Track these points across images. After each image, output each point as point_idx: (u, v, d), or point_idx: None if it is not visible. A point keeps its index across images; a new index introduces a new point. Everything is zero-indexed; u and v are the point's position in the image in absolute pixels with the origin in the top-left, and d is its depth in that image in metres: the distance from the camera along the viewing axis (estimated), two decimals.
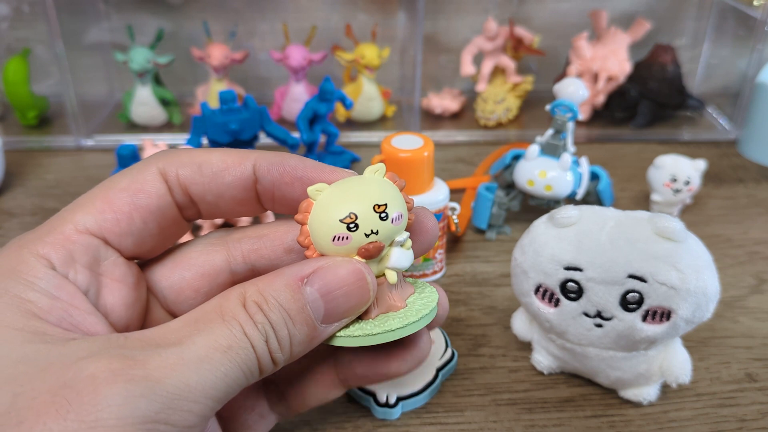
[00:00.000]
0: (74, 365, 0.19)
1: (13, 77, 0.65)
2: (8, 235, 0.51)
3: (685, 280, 0.31)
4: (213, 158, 0.25)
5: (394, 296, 0.25)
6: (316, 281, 0.23)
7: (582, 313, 0.33)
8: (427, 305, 0.25)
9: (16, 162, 0.62)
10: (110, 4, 0.71)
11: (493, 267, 0.48)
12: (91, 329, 0.22)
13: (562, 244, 0.33)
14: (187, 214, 0.26)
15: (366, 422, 0.35)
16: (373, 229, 0.23)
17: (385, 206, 0.23)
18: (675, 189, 0.51)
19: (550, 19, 0.75)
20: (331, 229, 0.23)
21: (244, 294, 0.22)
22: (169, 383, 0.19)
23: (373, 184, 0.24)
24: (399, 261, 0.24)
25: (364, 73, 0.68)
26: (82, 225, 0.23)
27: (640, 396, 0.35)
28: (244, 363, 0.21)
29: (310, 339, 0.23)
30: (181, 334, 0.21)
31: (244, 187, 0.26)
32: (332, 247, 0.23)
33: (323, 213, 0.23)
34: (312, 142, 0.57)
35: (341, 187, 0.24)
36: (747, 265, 0.48)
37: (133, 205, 0.24)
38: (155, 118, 0.69)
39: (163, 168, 0.25)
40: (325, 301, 0.23)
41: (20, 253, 0.22)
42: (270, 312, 0.22)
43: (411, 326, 0.24)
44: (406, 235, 0.25)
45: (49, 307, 0.21)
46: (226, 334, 0.21)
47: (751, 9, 0.67)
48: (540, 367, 0.37)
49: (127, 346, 0.20)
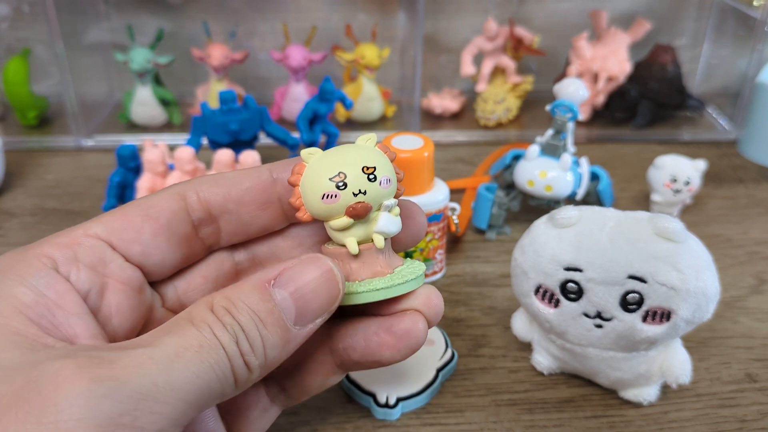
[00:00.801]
0: (40, 365, 0.18)
1: (13, 77, 0.65)
2: (8, 235, 0.51)
3: (685, 281, 0.31)
4: (228, 174, 0.27)
5: (381, 262, 0.26)
6: (283, 282, 0.23)
7: (582, 313, 0.33)
8: (414, 272, 0.26)
9: (16, 162, 0.62)
10: (110, 4, 0.71)
11: (493, 267, 0.48)
12: (70, 332, 0.22)
13: (562, 244, 0.33)
14: (204, 232, 0.27)
15: (366, 423, 0.35)
16: (361, 189, 0.24)
17: (374, 169, 0.24)
18: (675, 189, 0.51)
19: (550, 19, 0.75)
20: (320, 188, 0.24)
21: (211, 301, 0.22)
22: (135, 382, 0.18)
23: (363, 149, 0.25)
24: (387, 226, 0.25)
25: (364, 73, 0.68)
26: (92, 230, 0.24)
27: (640, 396, 0.35)
28: (216, 364, 0.20)
29: (284, 342, 0.23)
30: (152, 338, 0.20)
31: (263, 189, 0.26)
32: (321, 206, 0.24)
33: (314, 173, 0.24)
34: (312, 143, 0.57)
35: (333, 151, 0.25)
36: (747, 265, 0.48)
37: (145, 216, 0.25)
38: (155, 118, 0.69)
39: (182, 190, 0.26)
40: (294, 299, 0.23)
41: (24, 253, 0.22)
42: (239, 315, 0.22)
43: (396, 288, 0.25)
44: (394, 202, 0.25)
45: (32, 302, 0.21)
46: (196, 335, 0.21)
47: (751, 9, 0.67)
48: (540, 367, 0.37)
49: (98, 348, 0.20)
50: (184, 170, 0.50)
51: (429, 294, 0.27)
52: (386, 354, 0.26)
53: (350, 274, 0.25)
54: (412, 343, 0.26)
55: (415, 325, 0.26)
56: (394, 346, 0.26)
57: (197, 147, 0.56)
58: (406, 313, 0.26)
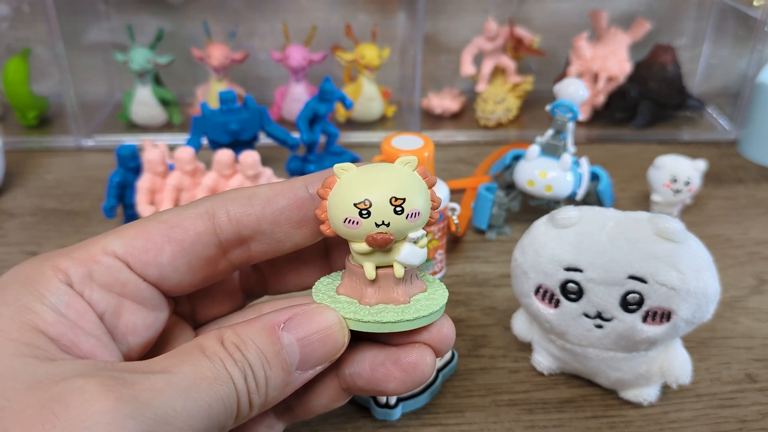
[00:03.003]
0: (63, 381, 0.19)
1: (13, 77, 0.65)
2: (8, 236, 0.51)
3: (686, 281, 0.31)
4: (262, 189, 0.25)
5: (398, 290, 0.25)
6: (292, 327, 0.23)
7: (582, 313, 0.33)
8: (429, 307, 0.25)
9: (16, 162, 0.62)
10: (110, 4, 0.71)
11: (493, 267, 0.48)
12: (87, 351, 0.22)
13: (563, 244, 0.33)
14: (233, 254, 0.26)
15: (366, 423, 0.34)
16: (384, 221, 0.23)
17: (402, 200, 0.23)
18: (675, 189, 0.51)
19: (550, 19, 0.75)
20: (343, 211, 0.23)
21: (221, 335, 0.22)
22: (156, 406, 0.19)
23: (399, 174, 0.24)
24: (407, 257, 0.24)
25: (364, 73, 0.68)
26: (110, 247, 0.23)
27: (640, 397, 0.35)
28: (226, 397, 0.21)
29: (284, 385, 0.23)
30: (167, 363, 0.21)
31: (300, 207, 0.25)
32: (343, 228, 0.23)
33: (341, 193, 0.23)
34: (312, 143, 0.57)
35: (366, 171, 0.24)
36: (747, 265, 0.48)
37: (167, 237, 0.24)
38: (155, 119, 0.69)
39: (211, 207, 0.25)
40: (300, 346, 0.23)
41: (42, 265, 0.22)
42: (248, 352, 0.22)
43: (403, 323, 0.24)
44: (421, 233, 0.24)
45: (53, 321, 0.21)
46: (210, 367, 0.21)
47: (751, 9, 0.67)
48: (540, 367, 0.37)
49: (116, 369, 0.20)
50: (184, 170, 0.50)
51: (441, 326, 0.26)
52: (391, 385, 0.26)
53: (363, 296, 0.25)
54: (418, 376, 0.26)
55: (422, 359, 0.25)
56: (399, 379, 0.26)
57: (197, 147, 0.56)
58: (414, 346, 0.26)
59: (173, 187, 0.50)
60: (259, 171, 0.51)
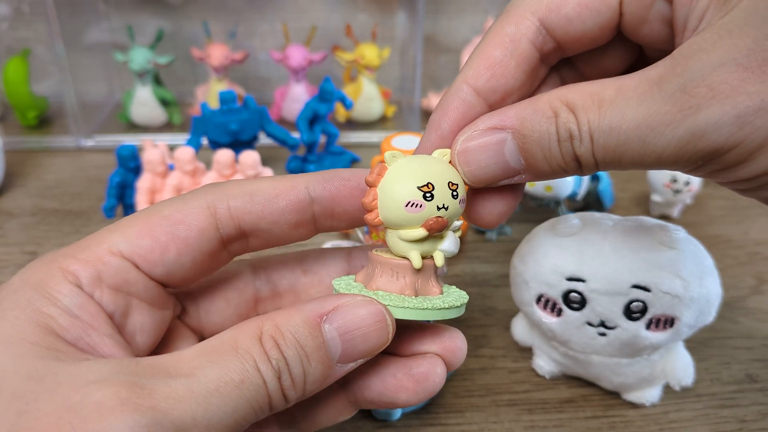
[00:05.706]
0: (83, 388, 0.19)
1: (13, 77, 0.65)
2: (8, 236, 0.51)
3: (689, 288, 0.31)
4: (264, 186, 0.25)
5: (433, 281, 0.25)
6: (335, 319, 0.22)
7: (585, 322, 0.33)
8: (460, 297, 0.25)
9: (16, 162, 0.62)
10: (110, 4, 0.71)
11: (494, 267, 0.48)
12: (106, 351, 0.22)
13: (564, 254, 0.32)
14: (232, 247, 0.26)
15: (366, 423, 0.34)
16: (445, 204, 0.23)
17: (456, 186, 0.23)
18: (675, 189, 0.51)
19: None
20: (407, 195, 0.23)
21: (260, 327, 0.22)
22: (175, 416, 0.19)
23: (444, 164, 0.24)
24: (450, 246, 0.24)
25: (364, 73, 0.68)
26: (116, 247, 0.23)
27: (642, 398, 0.35)
28: (254, 399, 0.20)
29: (324, 377, 0.23)
30: (193, 365, 0.20)
31: (299, 210, 0.25)
32: (402, 213, 0.23)
33: (401, 177, 0.23)
34: (312, 143, 0.57)
35: (417, 160, 0.24)
36: (747, 265, 0.48)
37: (171, 235, 0.24)
38: (155, 119, 0.69)
39: (212, 201, 0.25)
40: (343, 340, 0.22)
41: (50, 267, 0.22)
42: (286, 348, 0.21)
43: (452, 310, 0.24)
44: (460, 222, 0.25)
45: (68, 324, 0.21)
46: (239, 369, 0.20)
47: None
48: (541, 372, 0.37)
49: (138, 373, 0.19)
50: (184, 170, 0.50)
51: (454, 338, 0.26)
52: (402, 397, 0.26)
53: (405, 287, 0.24)
54: (429, 387, 0.26)
55: (433, 369, 0.25)
56: (411, 389, 0.25)
57: (197, 147, 0.56)
58: (426, 356, 0.26)
59: (173, 187, 0.50)
60: (259, 171, 0.51)
